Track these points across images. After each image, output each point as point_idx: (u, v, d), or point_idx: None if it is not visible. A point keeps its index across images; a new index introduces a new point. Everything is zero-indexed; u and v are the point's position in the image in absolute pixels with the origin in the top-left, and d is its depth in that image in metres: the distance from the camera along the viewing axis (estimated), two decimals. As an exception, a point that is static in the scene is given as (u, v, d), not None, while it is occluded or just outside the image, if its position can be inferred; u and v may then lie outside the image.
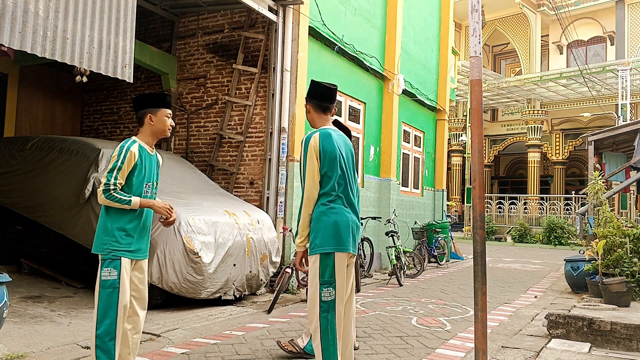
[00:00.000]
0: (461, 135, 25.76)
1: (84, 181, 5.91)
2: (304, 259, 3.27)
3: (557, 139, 25.68)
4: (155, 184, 3.27)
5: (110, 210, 3.08)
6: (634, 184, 11.85)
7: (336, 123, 3.54)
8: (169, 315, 5.34)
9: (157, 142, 8.96)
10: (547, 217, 20.36)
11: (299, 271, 6.27)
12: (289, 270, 6.02)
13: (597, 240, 6.66)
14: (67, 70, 8.25)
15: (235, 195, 7.48)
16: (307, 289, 6.37)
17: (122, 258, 3.02)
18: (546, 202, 22.55)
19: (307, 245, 3.21)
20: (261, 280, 6.37)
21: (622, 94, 19.53)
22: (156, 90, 8.93)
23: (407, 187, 11.55)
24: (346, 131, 3.71)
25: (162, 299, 5.64)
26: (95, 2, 4.57)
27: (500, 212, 22.79)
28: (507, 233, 21.23)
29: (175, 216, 3.26)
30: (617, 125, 13.17)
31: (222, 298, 5.81)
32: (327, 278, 3.07)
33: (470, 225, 20.84)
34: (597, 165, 12.25)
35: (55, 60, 4.25)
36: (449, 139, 24.50)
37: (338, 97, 8.75)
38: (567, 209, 21.57)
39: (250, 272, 6.14)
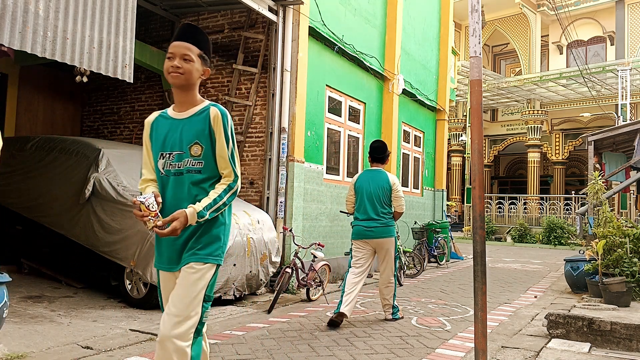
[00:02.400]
0: (461, 135, 25.75)
1: (84, 181, 5.91)
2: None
3: (557, 139, 25.68)
4: (179, 154, 2.38)
5: None
6: (634, 184, 11.85)
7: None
8: (169, 315, 5.33)
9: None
10: (547, 217, 20.36)
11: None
12: (289, 270, 6.02)
13: (597, 240, 6.65)
14: (67, 70, 8.25)
15: (235, 195, 7.47)
16: (307, 288, 6.40)
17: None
18: (546, 202, 22.55)
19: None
20: (261, 280, 6.37)
21: (622, 94, 19.53)
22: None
23: (407, 187, 11.55)
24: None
25: (162, 299, 5.64)
26: (95, 2, 4.57)
27: (500, 212, 22.79)
28: (507, 233, 21.23)
29: (166, 232, 2.28)
30: (617, 125, 13.17)
31: (222, 298, 5.81)
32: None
33: (470, 225, 20.84)
34: (597, 165, 12.25)
35: (55, 60, 4.25)
36: (449, 139, 24.50)
37: (338, 97, 8.78)
38: (567, 209, 21.57)
39: (250, 272, 6.14)
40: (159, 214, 2.29)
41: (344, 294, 5.25)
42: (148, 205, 2.25)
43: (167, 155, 2.41)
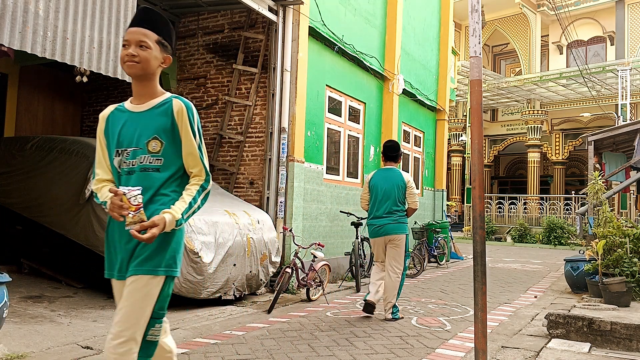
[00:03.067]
0: (461, 135, 25.75)
1: (84, 181, 5.91)
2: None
3: (557, 139, 25.67)
4: (134, 150, 2.15)
5: None
6: (634, 184, 11.85)
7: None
8: (168, 315, 5.31)
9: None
10: (547, 217, 20.36)
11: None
12: (289, 270, 6.02)
13: (597, 240, 6.65)
14: (67, 70, 8.25)
15: (235, 195, 7.48)
16: (307, 288, 6.39)
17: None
18: (546, 202, 22.55)
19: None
20: (261, 280, 6.37)
21: (622, 94, 19.53)
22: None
23: (407, 187, 11.53)
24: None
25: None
26: (95, 2, 4.57)
27: (500, 212, 22.78)
28: (507, 233, 21.23)
29: (145, 237, 2.02)
30: (617, 125, 13.17)
31: (222, 298, 5.81)
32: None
33: (470, 225, 20.84)
34: (597, 165, 12.25)
35: (55, 60, 4.25)
36: (449, 139, 24.50)
37: (338, 97, 8.78)
38: (567, 209, 21.57)
39: (250, 272, 6.14)
40: (142, 209, 2.03)
41: (370, 284, 5.76)
42: (130, 198, 2.00)
43: (123, 152, 2.16)
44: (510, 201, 22.79)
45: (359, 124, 9.50)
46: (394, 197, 5.61)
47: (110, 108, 2.29)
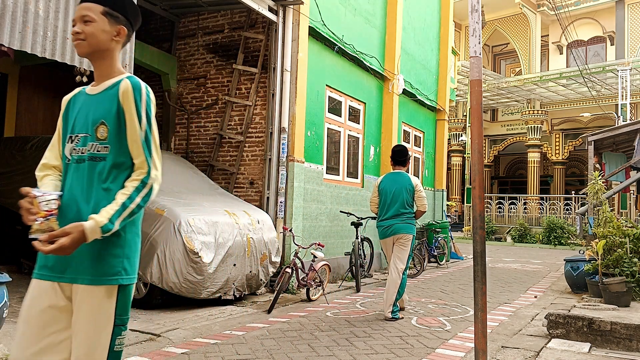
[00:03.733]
0: (461, 135, 25.76)
1: (84, 181, 5.90)
2: None
3: (557, 139, 25.68)
4: (84, 136, 1.92)
5: None
6: (634, 184, 11.85)
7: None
8: (169, 315, 5.34)
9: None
10: (547, 217, 20.36)
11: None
12: (289, 270, 6.03)
13: (597, 240, 6.65)
14: (67, 70, 8.24)
15: (235, 195, 7.48)
16: (307, 288, 6.39)
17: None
18: (546, 202, 22.55)
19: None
20: (261, 280, 6.38)
21: (622, 94, 19.53)
22: None
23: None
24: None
25: (162, 299, 5.65)
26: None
27: (500, 212, 22.78)
28: (507, 233, 21.23)
29: (48, 249, 1.71)
30: (617, 125, 13.17)
31: (222, 298, 5.81)
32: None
33: (470, 225, 20.84)
34: (597, 165, 12.25)
35: (55, 60, 4.25)
36: (449, 139, 24.50)
37: (338, 97, 8.79)
38: (567, 209, 21.57)
39: (250, 272, 6.14)
40: (53, 217, 1.75)
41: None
42: (41, 202, 1.73)
43: (74, 139, 1.94)
44: (510, 201, 22.79)
45: (359, 124, 9.50)
46: (402, 200, 5.78)
47: (74, 92, 2.08)
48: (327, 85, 8.37)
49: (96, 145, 1.89)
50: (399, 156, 5.99)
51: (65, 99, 2.07)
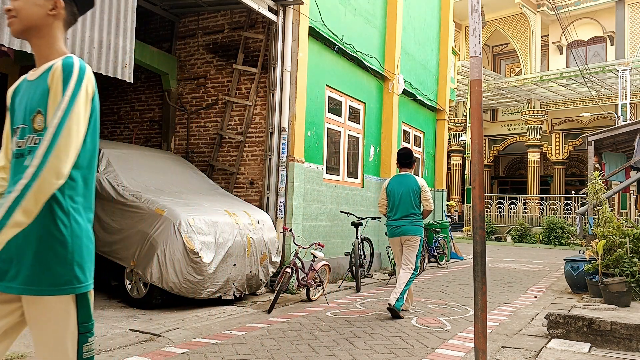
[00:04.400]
0: (461, 135, 25.76)
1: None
2: None
3: (557, 139, 25.68)
4: (23, 128, 1.73)
5: None
6: (634, 184, 11.85)
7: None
8: (169, 315, 5.34)
9: (157, 140, 8.98)
10: (547, 217, 20.36)
11: (297, 271, 6.33)
12: (289, 270, 6.03)
13: (597, 240, 6.65)
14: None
15: (235, 195, 7.48)
16: (307, 288, 6.39)
17: None
18: (546, 202, 22.55)
19: None
20: (261, 280, 6.37)
21: (622, 94, 19.53)
22: None
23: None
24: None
25: (162, 299, 5.65)
26: (95, 2, 4.57)
27: (500, 212, 22.78)
28: (507, 233, 21.23)
29: None
30: (617, 125, 13.17)
31: (222, 298, 5.81)
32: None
33: (470, 225, 20.84)
34: (597, 165, 12.25)
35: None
36: (449, 139, 24.50)
37: (338, 97, 8.79)
38: (567, 209, 21.57)
39: (250, 272, 6.14)
40: None
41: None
42: None
43: (16, 131, 1.74)
44: (510, 201, 22.79)
45: (359, 124, 9.50)
46: (409, 201, 5.99)
47: (19, 79, 1.87)
48: (327, 85, 8.37)
49: (33, 138, 1.66)
50: (405, 158, 6.19)
51: (11, 89, 1.87)
